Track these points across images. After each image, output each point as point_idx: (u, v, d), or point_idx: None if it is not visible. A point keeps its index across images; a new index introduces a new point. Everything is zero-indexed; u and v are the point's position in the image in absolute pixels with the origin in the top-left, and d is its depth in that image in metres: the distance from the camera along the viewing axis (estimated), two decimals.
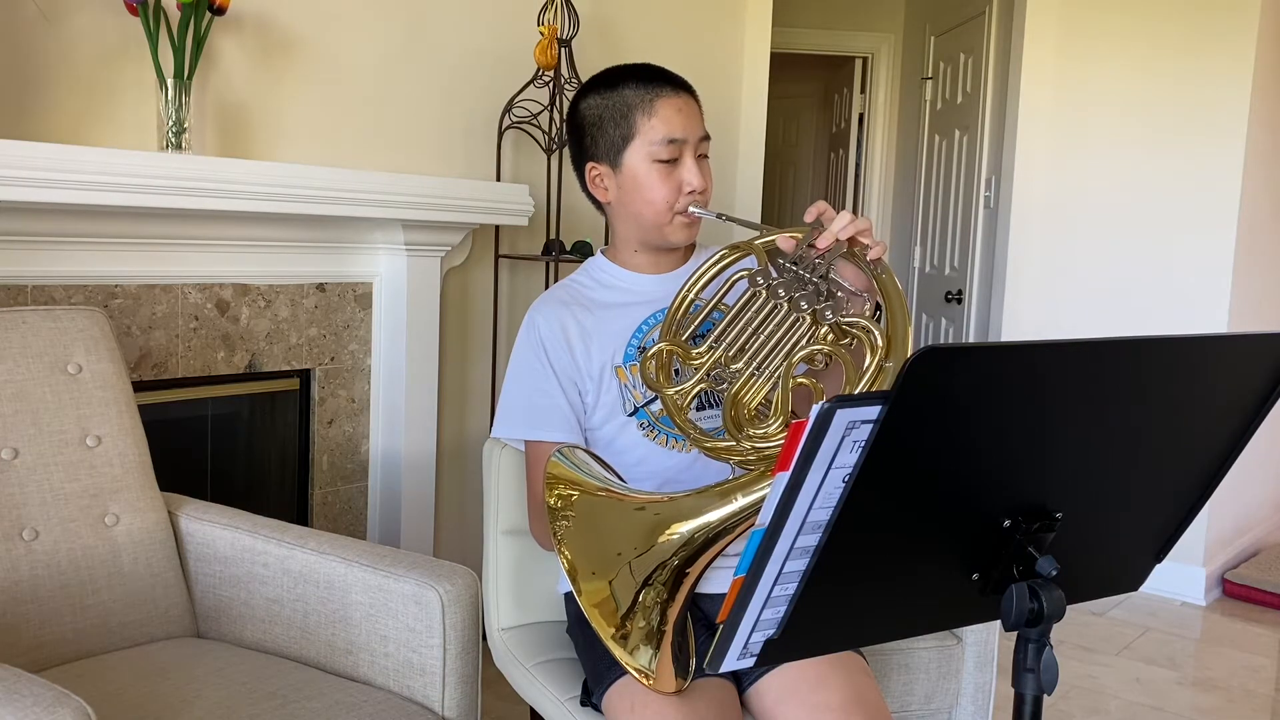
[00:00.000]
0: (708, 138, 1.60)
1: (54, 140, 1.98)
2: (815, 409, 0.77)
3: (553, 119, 2.77)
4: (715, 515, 1.26)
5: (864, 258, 1.40)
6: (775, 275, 1.40)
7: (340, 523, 2.56)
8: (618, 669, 1.38)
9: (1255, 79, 3.45)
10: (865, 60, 5.22)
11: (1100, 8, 3.68)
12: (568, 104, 2.09)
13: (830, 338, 1.36)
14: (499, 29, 2.80)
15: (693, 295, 1.51)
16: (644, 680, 1.29)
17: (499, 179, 2.78)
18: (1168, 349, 0.91)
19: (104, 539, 1.66)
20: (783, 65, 4.40)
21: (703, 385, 1.44)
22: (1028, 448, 0.89)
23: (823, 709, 1.38)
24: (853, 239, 1.39)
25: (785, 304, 1.39)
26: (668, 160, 1.55)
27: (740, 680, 1.48)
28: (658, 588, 1.27)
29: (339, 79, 2.48)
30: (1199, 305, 3.56)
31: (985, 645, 1.74)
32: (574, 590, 1.29)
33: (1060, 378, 0.86)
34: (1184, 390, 0.94)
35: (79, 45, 2.04)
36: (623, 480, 1.37)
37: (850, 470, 0.80)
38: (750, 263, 1.47)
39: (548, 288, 2.17)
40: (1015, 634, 0.95)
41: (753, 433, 1.37)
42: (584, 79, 2.05)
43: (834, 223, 1.38)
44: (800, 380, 1.36)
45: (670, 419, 1.46)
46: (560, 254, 2.76)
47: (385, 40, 2.57)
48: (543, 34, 2.70)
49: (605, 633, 1.27)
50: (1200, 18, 3.51)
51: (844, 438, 0.78)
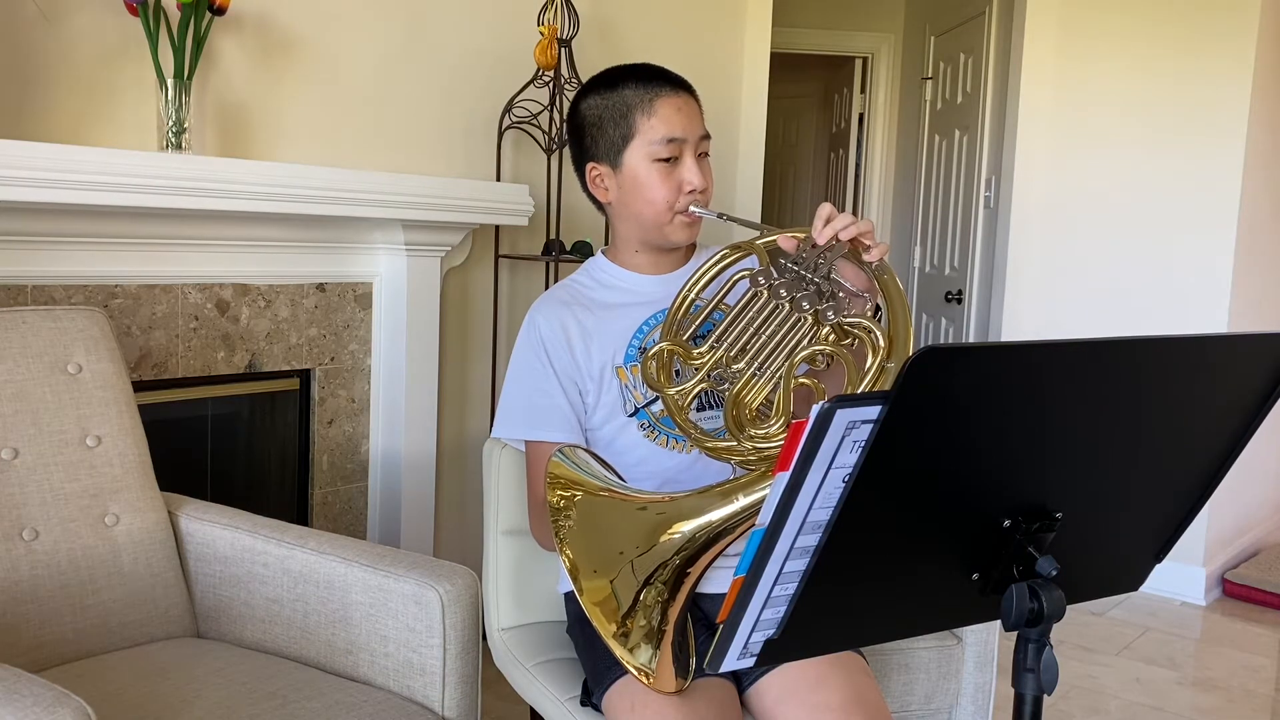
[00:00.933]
0: (708, 137, 1.60)
1: (54, 140, 1.98)
2: (815, 409, 0.77)
3: (553, 119, 2.77)
4: (717, 515, 1.26)
5: (865, 258, 1.40)
6: (776, 275, 1.40)
7: (340, 523, 2.56)
8: (618, 669, 1.38)
9: (1255, 79, 3.45)
10: (865, 60, 5.22)
11: (1100, 8, 3.68)
12: (568, 104, 2.09)
13: (832, 338, 1.36)
14: (499, 29, 2.81)
15: (694, 295, 1.51)
16: (644, 679, 1.29)
17: (499, 179, 2.78)
18: (1168, 349, 0.91)
19: (104, 539, 1.66)
20: (783, 65, 4.39)
21: (704, 385, 1.44)
22: (1028, 448, 0.89)
23: (823, 709, 1.38)
24: (854, 240, 1.39)
25: (787, 304, 1.39)
26: (668, 159, 1.55)
27: (740, 680, 1.48)
28: (659, 587, 1.27)
29: (339, 79, 2.48)
30: (1199, 305, 3.56)
31: (985, 645, 1.74)
32: (575, 589, 1.29)
33: (1060, 378, 0.86)
34: (1184, 390, 0.94)
35: (79, 45, 2.04)
36: (623, 480, 1.37)
37: (850, 470, 0.80)
38: (751, 263, 1.47)
39: (548, 288, 2.17)
40: (1015, 634, 0.95)
41: (754, 433, 1.37)
42: (584, 79, 2.05)
43: (835, 221, 1.38)
44: (801, 380, 1.36)
45: (671, 419, 1.46)
46: (560, 254, 2.76)
47: (385, 40, 2.57)
48: (543, 34, 2.70)
49: (606, 631, 1.28)
50: (1200, 18, 3.50)
51: (844, 438, 0.78)
